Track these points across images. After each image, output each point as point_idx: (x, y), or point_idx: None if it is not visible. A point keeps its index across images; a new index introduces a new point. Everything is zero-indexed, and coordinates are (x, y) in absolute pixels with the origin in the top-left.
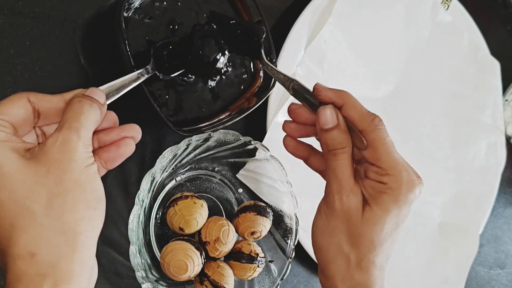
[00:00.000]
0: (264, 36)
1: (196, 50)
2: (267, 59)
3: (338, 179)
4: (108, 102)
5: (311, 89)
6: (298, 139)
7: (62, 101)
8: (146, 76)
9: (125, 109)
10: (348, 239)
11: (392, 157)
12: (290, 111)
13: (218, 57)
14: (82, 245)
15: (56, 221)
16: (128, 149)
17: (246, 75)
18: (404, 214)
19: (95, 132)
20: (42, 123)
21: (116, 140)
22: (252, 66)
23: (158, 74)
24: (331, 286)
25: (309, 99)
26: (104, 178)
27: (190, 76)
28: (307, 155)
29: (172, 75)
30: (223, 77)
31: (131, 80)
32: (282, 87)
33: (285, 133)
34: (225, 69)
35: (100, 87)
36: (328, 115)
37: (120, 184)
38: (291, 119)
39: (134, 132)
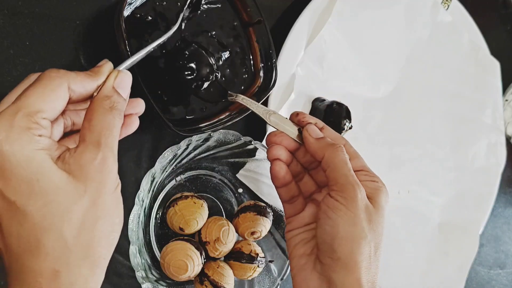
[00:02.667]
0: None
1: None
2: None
3: (351, 172)
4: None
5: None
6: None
7: (95, 87)
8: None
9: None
10: (369, 227)
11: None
12: (269, 137)
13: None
14: (101, 268)
15: (84, 249)
16: (134, 127)
17: (246, 75)
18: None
19: None
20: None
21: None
22: (252, 66)
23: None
24: (352, 280)
25: (287, 127)
26: None
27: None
28: (290, 180)
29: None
30: (223, 78)
31: (153, 44)
32: (282, 87)
33: (274, 159)
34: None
35: (127, 65)
36: (316, 129)
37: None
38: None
39: (139, 107)
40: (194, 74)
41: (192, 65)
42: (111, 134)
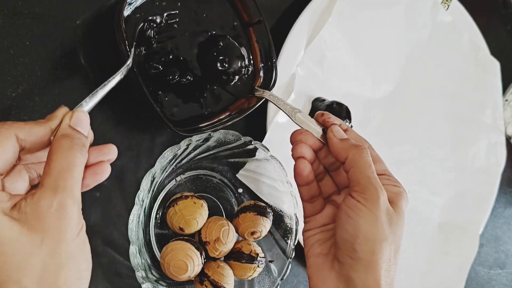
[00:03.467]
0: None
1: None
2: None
3: (375, 174)
4: (88, 110)
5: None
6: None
7: (48, 132)
8: (124, 74)
9: (125, 109)
10: (391, 230)
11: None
12: (294, 136)
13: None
14: None
15: None
16: (104, 175)
17: (246, 75)
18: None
19: None
20: (23, 154)
21: (92, 164)
22: (252, 66)
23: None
24: (372, 281)
25: (312, 126)
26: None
27: (189, 77)
28: (312, 179)
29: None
30: (224, 77)
31: (110, 82)
32: (282, 87)
33: (290, 147)
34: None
35: (83, 104)
36: (340, 130)
37: (120, 184)
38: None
39: (111, 154)
40: (226, 66)
41: (226, 57)
42: (70, 176)
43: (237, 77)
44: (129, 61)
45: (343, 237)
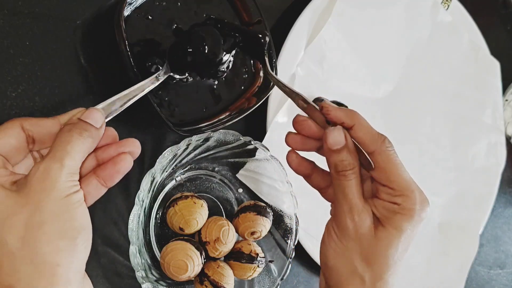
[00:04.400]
0: (267, 44)
1: (203, 49)
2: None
3: (348, 199)
4: (110, 117)
5: (310, 92)
6: (302, 156)
7: (57, 125)
8: (157, 83)
9: (125, 109)
10: (362, 259)
11: (403, 178)
12: (296, 122)
13: (225, 55)
14: (60, 277)
15: (31, 252)
16: (125, 165)
17: (246, 75)
18: (416, 233)
19: (94, 151)
20: (38, 148)
21: (114, 156)
22: (252, 66)
23: (172, 75)
24: None
25: (317, 117)
26: None
27: (189, 76)
28: (310, 172)
29: (183, 76)
30: (223, 78)
31: (138, 91)
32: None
33: (289, 148)
34: (228, 68)
35: (101, 105)
36: (337, 137)
37: (120, 184)
38: (295, 131)
39: (132, 147)
40: (206, 52)
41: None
42: (60, 149)
43: (226, 58)
44: (160, 73)
45: (321, 262)
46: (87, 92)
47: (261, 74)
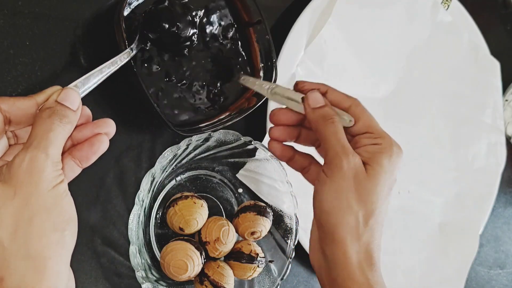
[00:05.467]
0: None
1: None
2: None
3: (341, 141)
4: (85, 94)
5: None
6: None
7: (34, 106)
8: (128, 58)
9: (125, 109)
10: (357, 197)
11: (378, 125)
12: (272, 115)
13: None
14: (51, 270)
15: (22, 247)
16: (101, 146)
17: (242, 72)
18: (394, 177)
19: None
20: (14, 128)
21: (89, 137)
22: (252, 66)
23: (144, 47)
24: (339, 253)
25: (291, 97)
26: (104, 178)
27: (189, 76)
28: (292, 155)
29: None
30: (222, 75)
31: (111, 65)
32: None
33: (269, 139)
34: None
35: (77, 83)
36: (317, 97)
37: (120, 184)
38: (273, 125)
39: (108, 127)
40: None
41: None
42: (45, 138)
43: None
44: (133, 46)
45: (315, 212)
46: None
47: (261, 74)
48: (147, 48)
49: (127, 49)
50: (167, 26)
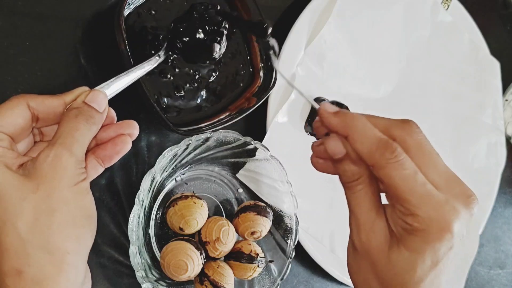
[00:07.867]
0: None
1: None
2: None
3: (355, 216)
4: (111, 97)
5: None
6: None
7: (62, 105)
8: (155, 64)
9: (125, 109)
10: (377, 280)
11: (415, 193)
12: (313, 151)
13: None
14: (69, 264)
15: (42, 240)
16: (125, 146)
17: (246, 75)
18: (444, 251)
19: None
20: (41, 125)
21: (113, 137)
22: (252, 66)
23: (170, 55)
24: None
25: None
26: (103, 178)
27: (189, 76)
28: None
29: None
30: (225, 78)
31: (138, 71)
32: (282, 87)
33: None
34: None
35: (104, 85)
36: (333, 146)
37: (120, 184)
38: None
39: (131, 129)
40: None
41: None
42: (70, 136)
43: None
44: (160, 53)
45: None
46: None
47: (261, 74)
48: (172, 57)
49: (155, 56)
50: (204, 38)
